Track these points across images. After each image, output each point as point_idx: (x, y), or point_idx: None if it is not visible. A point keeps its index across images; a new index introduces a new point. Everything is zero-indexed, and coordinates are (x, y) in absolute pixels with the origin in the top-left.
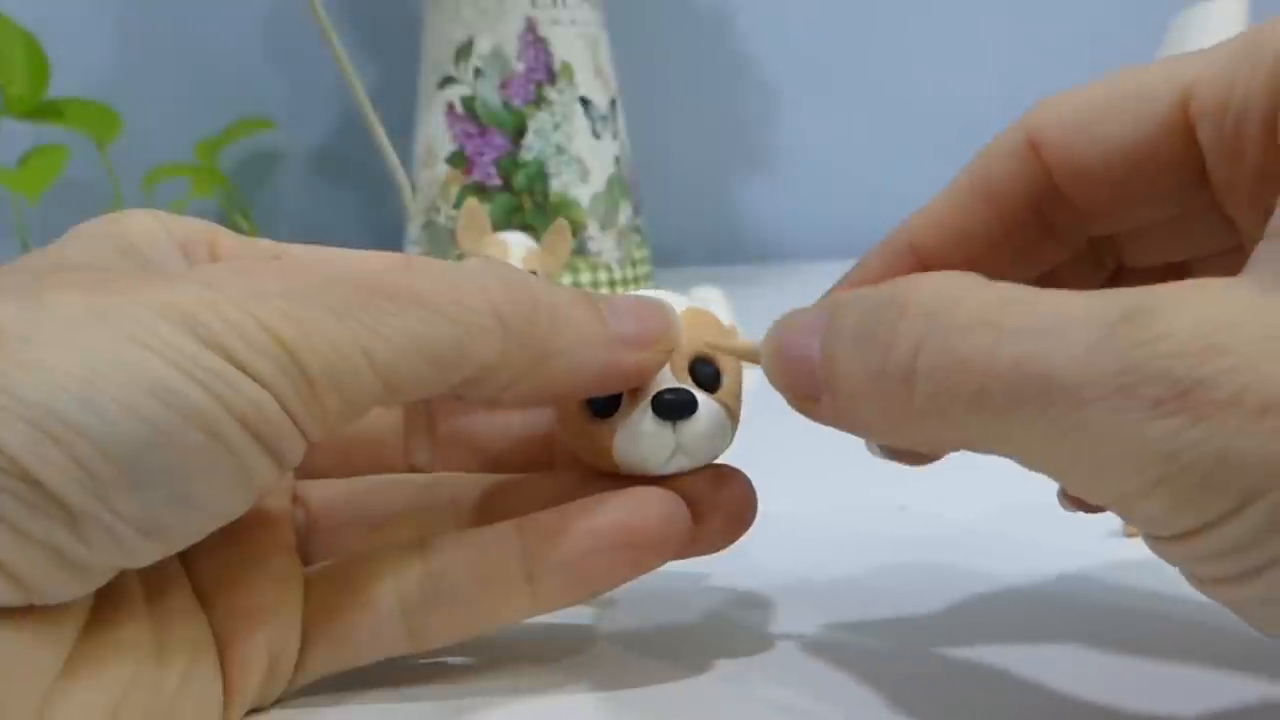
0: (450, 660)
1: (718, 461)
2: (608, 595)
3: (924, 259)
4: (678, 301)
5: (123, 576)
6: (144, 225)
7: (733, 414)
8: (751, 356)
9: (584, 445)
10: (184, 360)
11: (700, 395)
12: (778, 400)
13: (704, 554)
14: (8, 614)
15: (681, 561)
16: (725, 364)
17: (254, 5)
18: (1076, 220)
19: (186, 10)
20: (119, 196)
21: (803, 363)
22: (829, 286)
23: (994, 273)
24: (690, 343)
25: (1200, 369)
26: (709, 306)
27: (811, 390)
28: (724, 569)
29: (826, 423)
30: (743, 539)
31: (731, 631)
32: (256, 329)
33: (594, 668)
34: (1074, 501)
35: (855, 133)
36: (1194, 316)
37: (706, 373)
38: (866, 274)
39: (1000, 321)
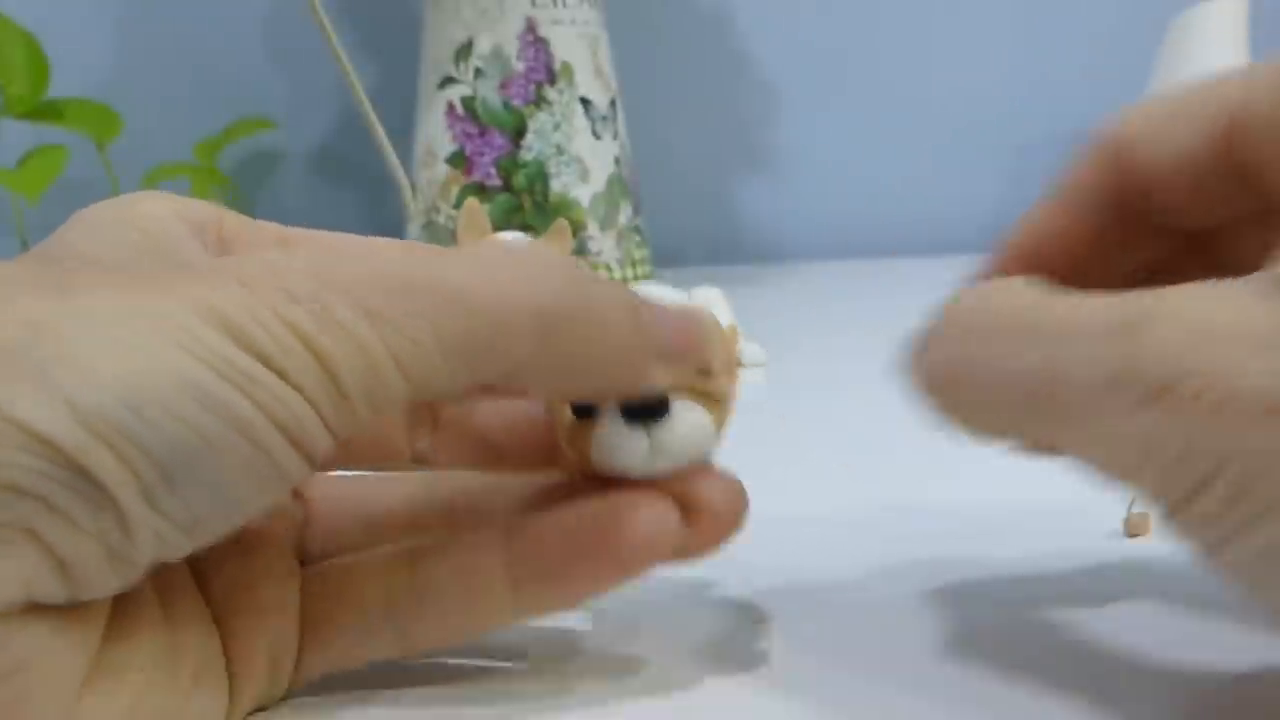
0: (437, 667)
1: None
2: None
3: (1028, 260)
4: (673, 298)
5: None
6: (156, 211)
7: (719, 410)
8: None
9: (570, 448)
10: (221, 363)
11: (675, 395)
12: (771, 402)
13: (694, 559)
14: (45, 614)
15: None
16: (714, 356)
17: (254, 5)
18: (1168, 218)
19: (186, 10)
20: (118, 196)
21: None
22: (828, 286)
23: (1099, 270)
24: None
25: (1175, 370)
26: (709, 306)
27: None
28: (715, 571)
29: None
30: (736, 542)
31: (721, 637)
32: (290, 335)
33: (583, 669)
34: None
35: (855, 133)
36: (1182, 323)
37: None
38: (984, 272)
39: (1027, 326)
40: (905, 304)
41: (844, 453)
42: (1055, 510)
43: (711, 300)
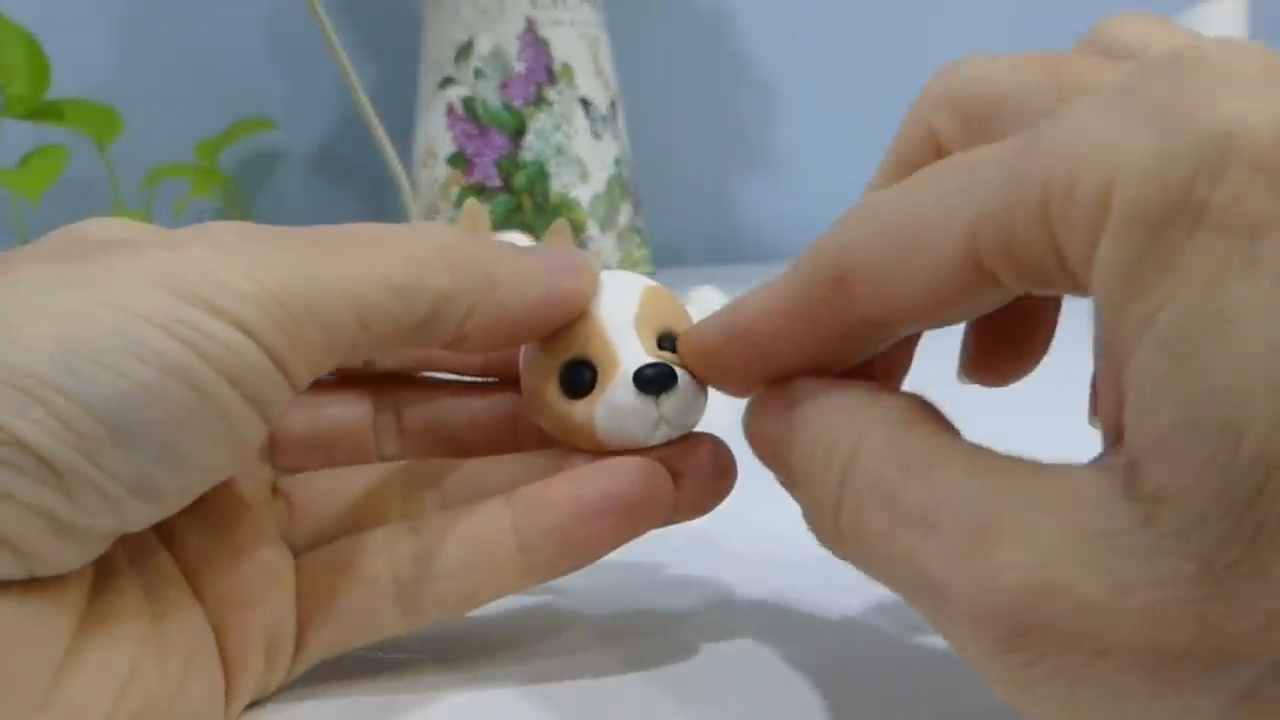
0: (410, 656)
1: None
2: (565, 585)
3: (751, 339)
4: (637, 282)
5: (117, 569)
6: (125, 223)
7: (704, 383)
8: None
9: (561, 426)
10: (160, 315)
11: (677, 368)
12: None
13: (689, 519)
14: (9, 589)
15: (655, 556)
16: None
17: (254, 5)
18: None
19: (186, 10)
20: (119, 197)
21: (769, 445)
22: None
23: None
24: (653, 319)
25: (1039, 608)
26: (710, 307)
27: (781, 472)
28: (715, 569)
29: None
30: (713, 541)
31: (719, 635)
32: (231, 274)
33: (561, 660)
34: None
35: (856, 133)
36: (1039, 545)
37: (674, 346)
38: (709, 338)
39: (896, 497)
40: None
41: None
42: None
43: (711, 300)
